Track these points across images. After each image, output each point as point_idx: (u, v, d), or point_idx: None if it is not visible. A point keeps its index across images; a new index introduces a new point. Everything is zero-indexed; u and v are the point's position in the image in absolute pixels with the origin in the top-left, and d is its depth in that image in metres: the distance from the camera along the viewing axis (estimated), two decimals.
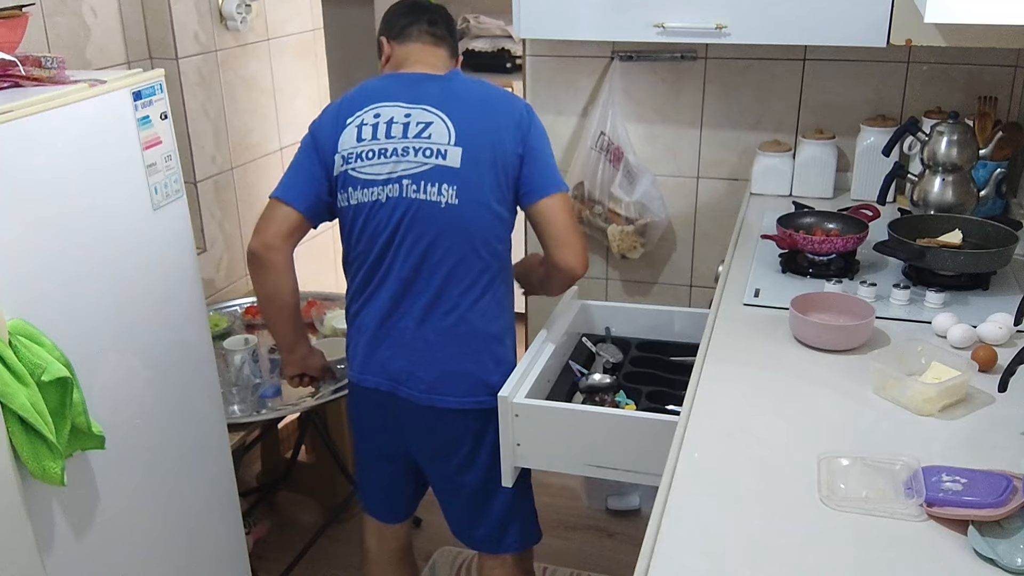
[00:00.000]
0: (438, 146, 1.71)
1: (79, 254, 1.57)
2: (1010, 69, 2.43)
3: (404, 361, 1.80)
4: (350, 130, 1.75)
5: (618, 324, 2.20)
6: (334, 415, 2.72)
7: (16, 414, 1.39)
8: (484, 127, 1.73)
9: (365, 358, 1.84)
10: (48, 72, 1.58)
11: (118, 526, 1.71)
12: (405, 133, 1.72)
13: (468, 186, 1.71)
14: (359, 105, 1.77)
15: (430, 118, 1.73)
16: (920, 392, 1.45)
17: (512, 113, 1.76)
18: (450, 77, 1.82)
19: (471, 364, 1.79)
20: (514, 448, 1.81)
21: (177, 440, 1.87)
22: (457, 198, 1.71)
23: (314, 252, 3.38)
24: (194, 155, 2.71)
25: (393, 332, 1.80)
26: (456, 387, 1.80)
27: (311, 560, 2.67)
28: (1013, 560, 1.10)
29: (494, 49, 3.89)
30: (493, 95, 1.80)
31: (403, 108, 1.75)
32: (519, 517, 1.95)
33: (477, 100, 1.77)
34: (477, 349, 1.79)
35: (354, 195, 1.75)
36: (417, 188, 1.71)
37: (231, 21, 2.75)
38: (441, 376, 1.79)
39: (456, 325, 1.77)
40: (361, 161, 1.73)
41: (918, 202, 2.18)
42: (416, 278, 1.75)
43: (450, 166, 1.71)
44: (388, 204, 1.73)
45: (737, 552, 1.17)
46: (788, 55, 2.56)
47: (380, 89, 1.80)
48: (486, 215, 1.73)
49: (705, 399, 1.53)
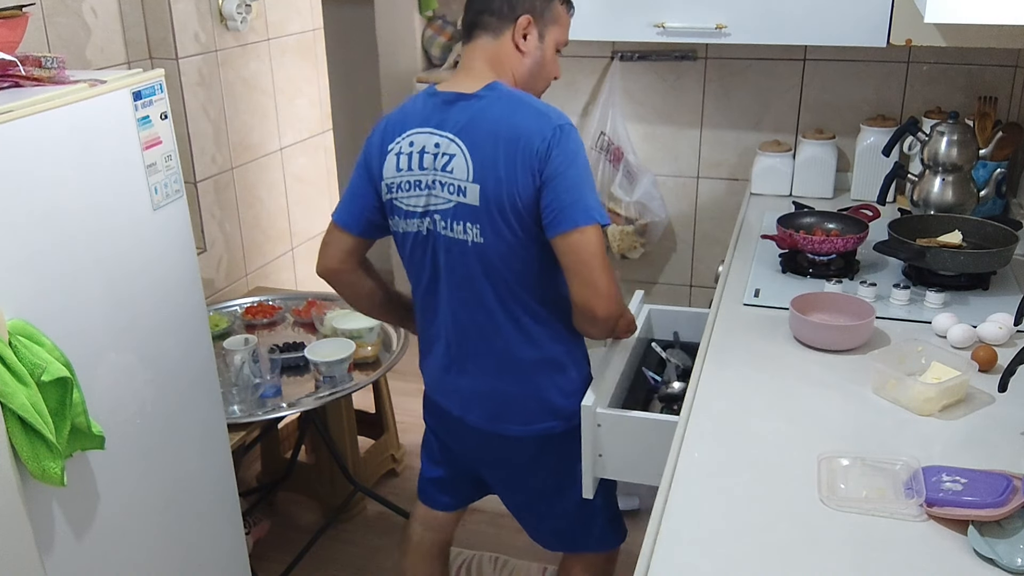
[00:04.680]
0: (459, 182, 1.61)
1: (79, 254, 1.57)
2: (1010, 69, 2.43)
3: (468, 391, 1.78)
4: (391, 158, 1.69)
5: (683, 328, 2.10)
6: (334, 415, 2.72)
7: (16, 414, 1.39)
8: (500, 161, 1.58)
9: (437, 379, 1.85)
10: (48, 72, 1.58)
11: (118, 526, 1.71)
12: (434, 165, 1.64)
13: (490, 224, 1.60)
14: (398, 131, 1.70)
15: (453, 150, 1.62)
16: (920, 392, 1.45)
17: (532, 141, 1.56)
18: (481, 96, 1.63)
19: (531, 391, 1.74)
20: (595, 459, 1.74)
21: (177, 440, 1.87)
22: (482, 236, 1.61)
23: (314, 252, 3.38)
24: (194, 155, 2.71)
25: (455, 363, 1.77)
26: (519, 415, 1.75)
27: (311, 560, 2.67)
28: (1013, 560, 1.10)
29: None
30: (518, 119, 1.60)
31: (434, 136, 1.64)
32: (597, 520, 1.91)
33: (500, 128, 1.60)
34: (535, 376, 1.73)
35: (400, 224, 1.72)
36: (446, 225, 1.64)
37: (231, 21, 2.75)
38: (503, 405, 1.75)
39: (510, 355, 1.71)
40: (401, 191, 1.68)
41: (918, 202, 2.18)
42: (463, 312, 1.71)
43: (470, 204, 1.61)
44: (428, 237, 1.68)
45: (737, 552, 1.17)
46: (788, 55, 2.56)
47: (416, 113, 1.69)
48: (513, 251, 1.63)
49: (705, 399, 1.53)
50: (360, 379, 2.46)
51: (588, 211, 1.56)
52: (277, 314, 2.76)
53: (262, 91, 2.99)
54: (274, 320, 2.74)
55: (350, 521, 2.85)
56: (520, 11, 1.66)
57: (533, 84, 1.72)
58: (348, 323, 2.56)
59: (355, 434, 2.84)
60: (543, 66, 1.71)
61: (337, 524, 2.81)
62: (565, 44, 1.74)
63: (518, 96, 1.64)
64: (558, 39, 1.72)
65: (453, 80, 1.69)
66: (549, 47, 1.71)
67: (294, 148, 3.20)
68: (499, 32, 1.67)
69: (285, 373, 2.45)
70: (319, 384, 2.40)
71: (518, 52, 1.67)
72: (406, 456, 3.17)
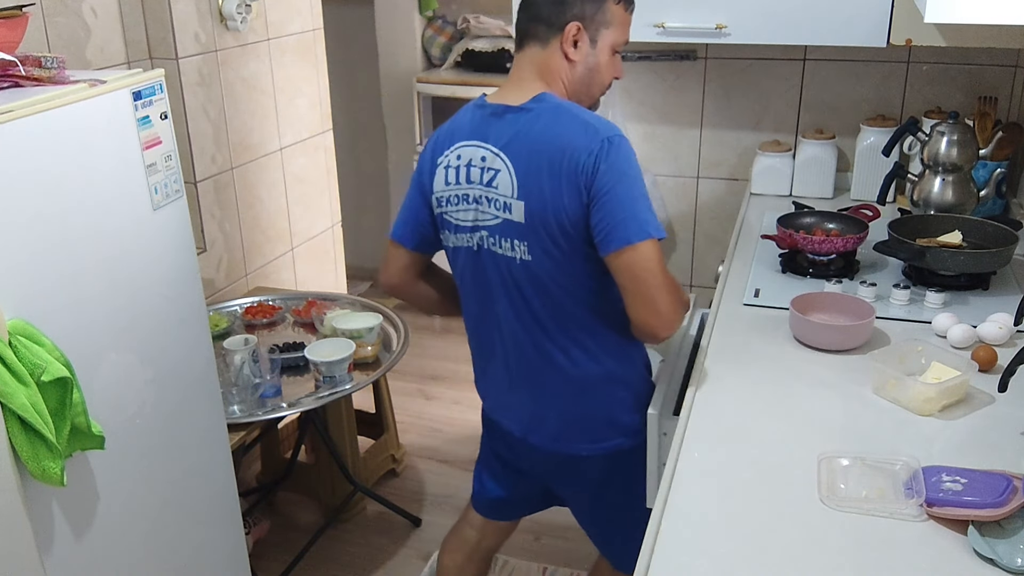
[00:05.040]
0: (504, 198, 1.57)
1: (79, 254, 1.57)
2: (1010, 69, 2.43)
3: (529, 411, 1.74)
4: (440, 172, 1.66)
5: None
6: (334, 415, 2.72)
7: (16, 414, 1.39)
8: (544, 177, 1.52)
9: (496, 399, 1.82)
10: (48, 72, 1.57)
11: (118, 526, 1.71)
12: (481, 179, 1.60)
13: (537, 242, 1.55)
14: (447, 143, 1.67)
15: (498, 164, 1.57)
16: (920, 392, 1.45)
17: (577, 156, 1.50)
18: (528, 108, 1.58)
19: (594, 409, 1.69)
20: (659, 467, 1.69)
21: (177, 440, 1.87)
22: (529, 254, 1.57)
23: (314, 252, 3.38)
24: (194, 155, 2.71)
25: (514, 383, 1.73)
26: (583, 434, 1.70)
27: (311, 560, 2.67)
28: (1013, 560, 1.10)
29: (494, 49, 3.88)
30: (563, 133, 1.53)
31: (480, 149, 1.60)
32: None
33: (544, 143, 1.53)
34: (597, 393, 1.68)
35: (451, 238, 1.69)
36: (495, 241, 1.61)
37: (231, 21, 2.75)
38: (567, 424, 1.71)
39: (569, 373, 1.66)
40: (451, 206, 1.65)
41: (918, 202, 2.18)
42: (518, 329, 1.66)
43: (516, 221, 1.56)
44: (479, 253, 1.65)
45: (737, 552, 1.17)
46: (788, 55, 2.56)
47: (464, 125, 1.65)
48: (562, 268, 1.57)
49: (705, 399, 1.53)
50: (360, 379, 2.46)
51: (642, 226, 1.48)
52: (277, 314, 2.76)
53: (262, 91, 2.99)
54: (274, 320, 2.74)
55: (350, 521, 2.85)
56: (568, 18, 1.58)
57: (587, 91, 1.66)
58: (348, 323, 2.56)
59: (355, 434, 2.84)
60: (597, 72, 1.64)
61: (337, 524, 2.82)
62: (625, 43, 1.66)
63: (565, 108, 1.57)
64: (615, 41, 1.63)
65: (502, 91, 1.64)
66: (603, 51, 1.63)
67: (294, 148, 3.20)
68: (547, 40, 1.60)
69: (285, 373, 2.45)
70: (319, 384, 2.40)
71: (567, 60, 1.61)
72: (406, 456, 3.17)
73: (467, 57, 3.95)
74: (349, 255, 3.93)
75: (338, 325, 2.56)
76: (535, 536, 2.76)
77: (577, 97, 1.65)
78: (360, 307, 2.79)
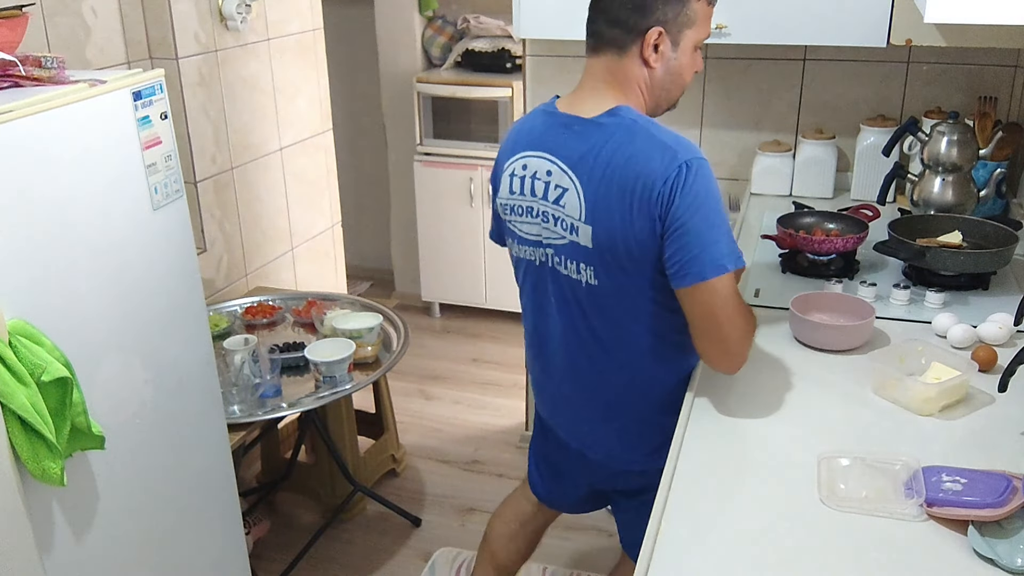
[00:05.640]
0: (571, 220, 1.49)
1: (79, 254, 1.57)
2: (1010, 69, 2.43)
3: (587, 427, 1.72)
4: (505, 179, 1.61)
5: None
6: (334, 415, 2.72)
7: (16, 414, 1.39)
8: (614, 204, 1.44)
9: (552, 409, 1.79)
10: (48, 72, 1.58)
11: (118, 526, 1.71)
12: (545, 195, 1.53)
13: (603, 267, 1.49)
14: (512, 151, 1.60)
15: (567, 183, 1.49)
16: (920, 392, 1.45)
17: (652, 183, 1.41)
18: (601, 123, 1.49)
19: (654, 426, 1.63)
20: None
21: (177, 440, 1.87)
22: (596, 279, 1.51)
23: (314, 252, 3.38)
24: (194, 155, 2.71)
25: (572, 398, 1.70)
26: (643, 447, 1.66)
27: (311, 560, 2.67)
28: (1013, 560, 1.10)
29: (494, 49, 3.88)
30: (638, 156, 1.43)
31: (546, 162, 1.52)
32: None
33: (617, 165, 1.44)
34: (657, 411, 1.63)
35: (515, 248, 1.66)
36: (560, 261, 1.55)
37: (231, 21, 2.75)
38: (625, 440, 1.68)
39: (627, 393, 1.63)
40: (516, 215, 1.60)
41: (918, 202, 2.18)
42: (577, 348, 1.62)
43: (583, 245, 1.49)
44: (543, 270, 1.60)
45: (737, 552, 1.17)
46: (788, 55, 2.56)
47: (531, 132, 1.58)
48: (629, 293, 1.52)
49: (705, 399, 1.53)
50: (360, 379, 2.46)
51: (716, 261, 1.41)
52: (277, 314, 2.76)
53: (262, 91, 2.99)
54: (274, 320, 2.74)
55: (350, 521, 2.85)
56: (650, 23, 1.48)
57: (667, 94, 1.58)
58: (348, 323, 2.56)
59: (355, 434, 2.84)
60: (679, 73, 1.55)
61: (337, 524, 2.82)
62: (707, 37, 1.58)
63: (641, 126, 1.47)
64: (697, 39, 1.54)
65: (574, 98, 1.56)
66: (685, 51, 1.53)
67: (294, 148, 3.20)
68: (625, 47, 1.50)
69: (285, 373, 2.45)
70: (319, 384, 2.40)
71: (647, 67, 1.52)
72: (406, 456, 3.17)
73: (467, 57, 3.95)
74: (349, 255, 3.94)
75: (338, 325, 2.56)
76: None
77: (656, 102, 1.58)
78: (360, 307, 2.79)
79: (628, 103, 1.52)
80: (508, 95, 3.75)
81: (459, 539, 2.77)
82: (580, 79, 1.57)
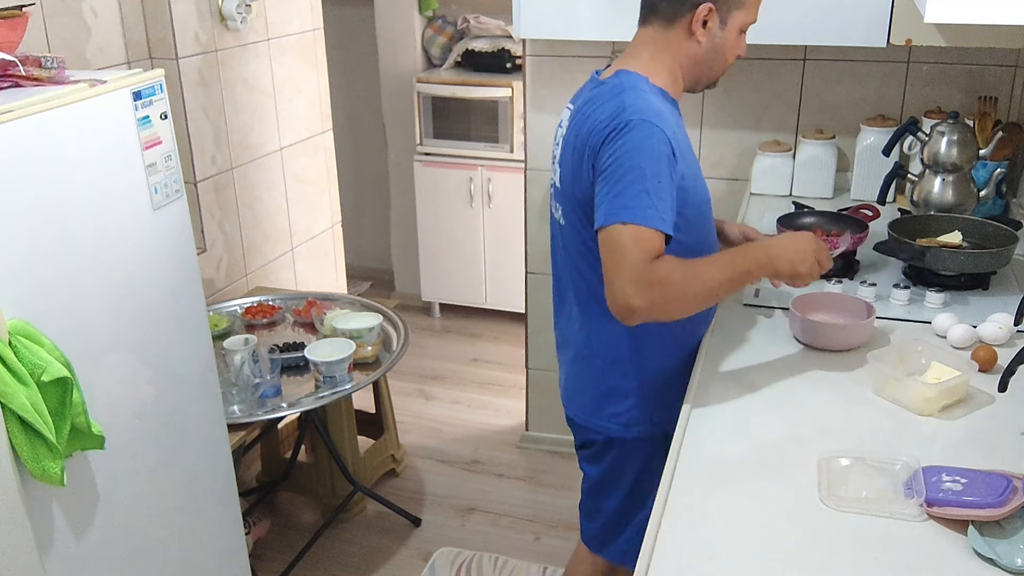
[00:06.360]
0: (556, 163, 1.68)
1: (79, 254, 1.57)
2: (1010, 69, 2.43)
3: (561, 378, 1.86)
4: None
5: None
6: (334, 415, 2.72)
7: (16, 414, 1.39)
8: (573, 149, 1.59)
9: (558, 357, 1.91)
10: (48, 72, 1.58)
11: (118, 526, 1.71)
12: (556, 140, 1.70)
13: (568, 208, 1.64)
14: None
15: (563, 132, 1.66)
16: (920, 392, 1.45)
17: (596, 133, 1.52)
18: (604, 82, 1.60)
19: (589, 386, 1.75)
20: None
21: (177, 440, 1.87)
22: (564, 219, 1.66)
23: (314, 252, 3.38)
24: (194, 155, 2.71)
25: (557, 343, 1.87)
26: (579, 402, 1.79)
27: (311, 560, 2.67)
28: (1013, 560, 1.10)
29: (494, 49, 3.88)
30: (599, 110, 1.54)
31: (567, 112, 1.68)
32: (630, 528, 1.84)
33: (586, 115, 1.57)
34: (595, 372, 1.73)
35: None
36: (554, 205, 1.72)
37: (231, 21, 2.75)
38: (570, 390, 1.82)
39: (578, 344, 1.75)
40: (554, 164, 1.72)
41: (918, 202, 2.18)
42: (562, 293, 1.78)
43: (558, 186, 1.66)
44: (552, 216, 1.76)
45: (737, 552, 1.17)
46: (788, 55, 2.56)
47: (577, 91, 1.72)
48: (580, 237, 1.63)
49: (705, 399, 1.53)
50: (360, 379, 2.46)
51: (614, 211, 1.46)
52: (277, 314, 2.76)
53: (262, 91, 2.99)
54: (274, 320, 2.74)
55: (350, 521, 2.85)
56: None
57: (708, 71, 1.63)
58: (348, 323, 2.56)
59: (355, 434, 2.84)
60: (722, 52, 1.60)
61: (337, 524, 2.82)
62: (753, 23, 1.63)
63: (626, 87, 1.54)
64: (744, 21, 1.60)
65: (615, 62, 1.65)
66: (732, 31, 1.59)
67: (294, 148, 3.20)
68: (674, 20, 1.56)
69: (285, 373, 2.45)
70: (319, 384, 2.40)
71: (693, 41, 1.57)
72: (406, 456, 3.17)
73: (467, 57, 3.95)
74: (349, 255, 3.93)
75: (338, 325, 2.56)
76: (535, 536, 2.76)
77: (697, 76, 1.63)
78: (360, 307, 2.79)
79: (644, 71, 1.59)
80: (508, 95, 3.75)
81: (459, 539, 2.77)
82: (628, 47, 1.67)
